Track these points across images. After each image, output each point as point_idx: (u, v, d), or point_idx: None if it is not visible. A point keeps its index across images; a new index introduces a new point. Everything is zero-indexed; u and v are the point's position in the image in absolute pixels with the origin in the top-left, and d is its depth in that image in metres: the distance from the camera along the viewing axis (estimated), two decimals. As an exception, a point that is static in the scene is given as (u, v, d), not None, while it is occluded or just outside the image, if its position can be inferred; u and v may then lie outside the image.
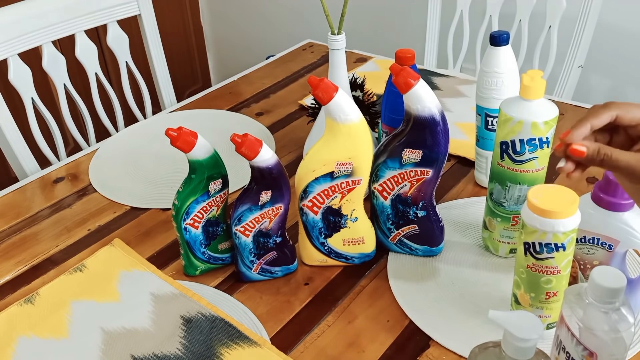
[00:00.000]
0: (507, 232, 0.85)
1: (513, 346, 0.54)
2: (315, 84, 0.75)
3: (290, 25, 2.54)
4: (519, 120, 0.77)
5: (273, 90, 1.41)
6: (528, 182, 0.80)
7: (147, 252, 0.93)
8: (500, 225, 0.85)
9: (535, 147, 0.78)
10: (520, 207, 0.82)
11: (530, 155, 0.78)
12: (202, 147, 0.79)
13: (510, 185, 0.81)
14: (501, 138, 0.79)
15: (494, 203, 0.84)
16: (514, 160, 0.79)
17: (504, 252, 0.87)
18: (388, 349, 0.75)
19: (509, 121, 0.78)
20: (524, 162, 0.79)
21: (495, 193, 0.84)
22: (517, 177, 0.80)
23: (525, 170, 0.79)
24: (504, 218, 0.84)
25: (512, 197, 0.82)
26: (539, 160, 0.79)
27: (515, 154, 0.79)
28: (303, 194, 0.81)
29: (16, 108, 1.33)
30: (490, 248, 0.88)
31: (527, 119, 0.76)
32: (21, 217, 1.03)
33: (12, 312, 0.82)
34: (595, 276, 0.57)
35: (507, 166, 0.80)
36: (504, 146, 0.79)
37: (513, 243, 0.86)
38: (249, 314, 0.81)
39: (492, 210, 0.85)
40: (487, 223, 0.87)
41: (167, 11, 2.51)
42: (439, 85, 1.36)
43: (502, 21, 1.61)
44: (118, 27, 1.41)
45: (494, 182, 0.83)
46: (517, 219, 0.84)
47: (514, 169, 0.80)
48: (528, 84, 0.77)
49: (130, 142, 1.22)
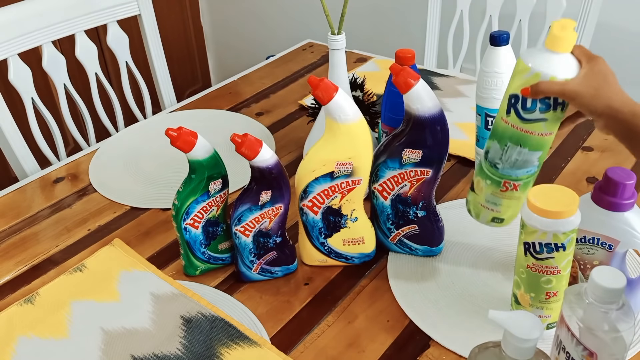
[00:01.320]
0: (494, 198, 0.78)
1: (513, 346, 0.54)
2: (315, 84, 0.75)
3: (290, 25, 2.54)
4: (537, 72, 0.69)
5: (273, 90, 1.41)
6: (530, 147, 0.73)
7: (147, 252, 0.93)
8: (489, 188, 0.78)
9: (548, 107, 0.70)
10: (514, 173, 0.75)
11: (540, 115, 0.71)
12: (202, 147, 0.79)
13: (509, 146, 0.74)
14: (512, 90, 0.72)
15: (488, 163, 0.77)
16: (521, 117, 0.72)
17: (485, 220, 0.81)
18: (388, 349, 0.75)
19: (525, 72, 0.70)
20: (532, 121, 0.71)
21: (492, 152, 0.76)
22: (520, 138, 0.73)
23: (531, 131, 0.72)
24: (494, 181, 0.77)
25: (508, 160, 0.75)
26: (548, 124, 0.72)
27: (524, 110, 0.71)
28: (303, 194, 0.81)
29: (16, 108, 1.33)
30: (472, 212, 0.83)
31: (546, 72, 0.69)
32: (21, 217, 1.03)
33: (12, 312, 0.82)
34: (595, 276, 0.57)
35: (512, 123, 0.73)
36: (512, 100, 0.72)
37: (497, 211, 0.79)
38: (249, 314, 0.81)
39: (484, 170, 0.78)
40: (475, 184, 0.81)
41: (167, 11, 2.51)
42: (439, 85, 1.36)
43: (502, 21, 1.61)
44: (118, 27, 1.41)
45: (493, 140, 0.76)
46: (508, 186, 0.77)
47: (518, 128, 0.72)
48: (558, 33, 0.69)
49: (130, 142, 1.22)
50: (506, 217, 0.79)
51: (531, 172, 0.75)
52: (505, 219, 0.79)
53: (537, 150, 0.73)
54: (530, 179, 0.76)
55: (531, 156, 0.74)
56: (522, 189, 0.77)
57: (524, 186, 0.76)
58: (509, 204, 0.78)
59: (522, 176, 0.75)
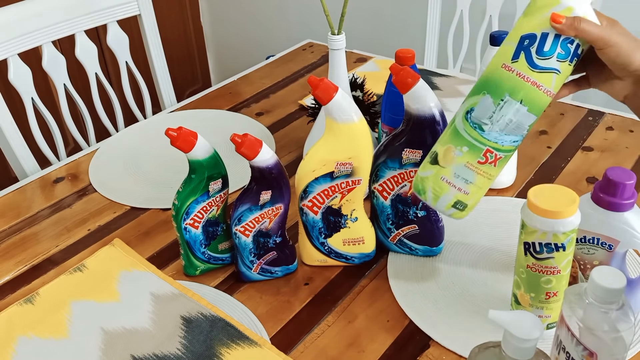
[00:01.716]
0: (467, 173, 0.65)
1: (513, 346, 0.54)
2: (315, 84, 0.75)
3: (290, 25, 2.54)
4: (570, 6, 0.60)
5: (273, 90, 1.41)
6: (531, 105, 0.63)
7: (147, 252, 0.93)
8: (464, 158, 0.65)
9: (568, 54, 0.61)
10: (501, 140, 0.64)
11: (557, 63, 0.61)
12: (202, 147, 0.79)
13: (507, 101, 0.62)
14: (527, 30, 0.62)
15: (470, 124, 0.64)
16: (533, 63, 0.61)
17: (445, 203, 0.66)
18: (388, 349, 0.75)
19: (551, 5, 0.61)
20: (544, 70, 0.61)
21: (480, 109, 0.64)
22: (524, 91, 0.62)
23: (538, 84, 0.62)
24: (474, 149, 0.64)
25: (501, 119, 0.63)
26: (558, 79, 0.62)
27: (540, 54, 0.61)
28: (303, 194, 0.81)
29: (16, 108, 1.33)
30: (426, 193, 0.67)
31: (580, 10, 0.60)
32: (21, 217, 1.03)
33: (12, 312, 0.82)
34: (595, 276, 0.57)
35: (519, 71, 0.62)
36: (526, 41, 0.61)
37: (465, 192, 0.65)
38: (249, 314, 0.81)
39: (460, 134, 0.65)
40: (442, 155, 0.66)
41: (167, 11, 2.51)
42: (439, 85, 1.36)
43: (502, 21, 1.61)
44: (118, 27, 1.41)
45: (484, 94, 0.64)
46: (489, 156, 0.64)
47: (525, 78, 0.62)
48: None
49: (130, 142, 1.22)
50: (470, 204, 0.68)
51: (516, 143, 0.66)
52: (468, 206, 0.67)
53: (535, 114, 0.64)
54: (511, 153, 0.67)
55: (526, 119, 0.64)
56: (500, 166, 0.66)
57: (502, 162, 0.66)
58: (481, 184, 0.67)
59: (507, 146, 0.65)
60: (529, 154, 1.10)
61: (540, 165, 1.08)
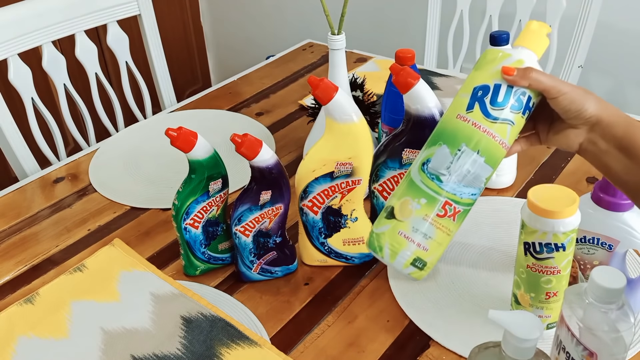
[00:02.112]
0: (426, 226, 0.62)
1: (513, 346, 0.54)
2: (315, 84, 0.75)
3: (290, 25, 2.54)
4: (520, 59, 0.61)
5: (273, 90, 1.41)
6: (487, 156, 0.61)
7: (147, 252, 0.93)
8: (422, 211, 0.62)
9: (521, 105, 0.61)
10: (460, 192, 0.62)
11: (511, 114, 0.61)
12: (202, 147, 0.79)
13: (464, 151, 0.61)
14: (480, 81, 0.61)
15: (427, 175, 0.62)
16: (488, 114, 0.60)
17: (404, 260, 0.63)
18: (388, 349, 0.75)
19: (502, 59, 0.61)
20: (499, 121, 0.61)
21: (437, 159, 0.62)
22: (480, 141, 0.61)
23: (494, 135, 0.61)
24: (432, 200, 0.62)
25: (458, 170, 0.61)
26: (512, 131, 0.61)
27: (494, 105, 0.60)
28: (303, 194, 0.81)
29: (16, 108, 1.33)
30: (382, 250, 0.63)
31: (530, 60, 0.62)
32: (21, 217, 1.03)
33: (12, 312, 0.82)
34: (595, 276, 0.57)
35: (474, 121, 0.60)
36: (479, 92, 0.61)
37: (424, 248, 0.62)
38: (249, 314, 0.81)
39: (417, 186, 0.62)
40: (398, 208, 0.63)
41: (167, 11, 2.51)
42: (439, 85, 1.36)
43: (502, 21, 1.61)
44: (118, 27, 1.41)
45: (440, 144, 0.62)
46: (448, 209, 0.62)
47: (480, 127, 0.60)
48: (536, 28, 0.63)
49: (130, 142, 1.22)
50: (429, 262, 0.64)
51: (474, 197, 0.64)
52: (427, 264, 0.64)
53: (491, 166, 0.63)
54: (469, 208, 0.64)
55: (484, 171, 0.63)
56: (458, 222, 0.64)
57: (460, 217, 0.64)
58: (439, 241, 0.63)
59: (466, 199, 0.63)
60: (529, 154, 1.10)
61: (540, 165, 1.08)
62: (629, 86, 1.83)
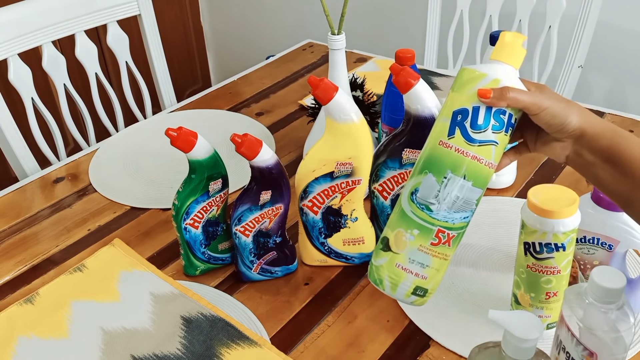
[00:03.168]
0: (422, 256, 0.62)
1: (513, 346, 0.54)
2: (315, 84, 0.75)
3: (290, 25, 2.54)
4: (496, 78, 0.59)
5: (273, 90, 1.41)
6: (475, 180, 0.61)
7: (147, 252, 0.93)
8: (416, 242, 0.62)
9: (502, 125, 0.59)
10: (451, 218, 0.62)
11: (492, 135, 0.59)
12: (202, 147, 0.79)
13: (450, 178, 0.60)
14: (458, 105, 0.60)
15: (417, 206, 0.62)
16: (469, 138, 0.59)
17: (405, 290, 0.63)
18: (388, 349, 0.75)
19: (477, 80, 0.60)
20: (482, 143, 0.59)
21: (424, 189, 0.61)
22: (465, 166, 0.60)
23: (478, 158, 0.60)
24: (425, 230, 0.62)
25: (447, 197, 0.61)
26: (497, 150, 0.60)
27: (475, 128, 0.59)
28: (303, 194, 0.81)
29: (16, 108, 1.33)
30: (382, 283, 0.64)
31: (506, 81, 0.59)
32: (21, 217, 1.03)
33: (12, 312, 0.82)
34: (595, 276, 0.57)
35: (456, 147, 0.60)
36: (458, 117, 0.60)
37: (423, 277, 0.62)
38: (249, 314, 0.81)
39: (409, 217, 0.62)
40: (393, 240, 0.63)
41: (167, 11, 2.50)
42: (439, 85, 1.36)
43: (502, 21, 1.61)
44: (118, 27, 1.41)
45: (425, 173, 0.61)
46: (442, 236, 0.61)
47: (464, 153, 0.59)
48: (510, 41, 0.61)
49: (130, 142, 1.22)
50: (430, 288, 0.64)
51: (467, 220, 0.63)
52: (429, 290, 0.64)
53: (480, 187, 0.62)
54: (463, 230, 0.64)
55: (473, 194, 0.62)
56: (454, 245, 0.64)
57: (456, 241, 0.63)
58: (438, 266, 0.64)
59: (458, 223, 0.62)
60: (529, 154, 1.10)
61: (540, 165, 1.08)
62: (629, 86, 1.83)
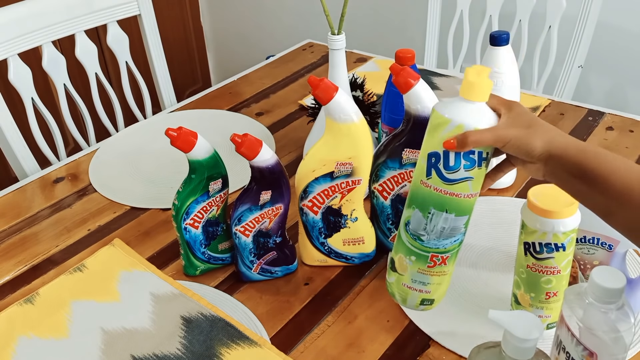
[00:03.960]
0: (421, 277, 0.69)
1: (513, 346, 0.54)
2: (315, 84, 0.75)
3: (290, 25, 2.54)
4: (460, 124, 0.62)
5: (273, 90, 1.41)
6: (457, 211, 0.65)
7: (147, 252, 0.93)
8: (414, 266, 0.69)
9: (473, 163, 0.63)
10: (442, 244, 0.67)
11: (466, 173, 0.63)
12: (202, 147, 0.79)
13: (434, 213, 0.65)
14: (431, 148, 0.64)
15: (410, 236, 0.68)
16: (445, 178, 0.64)
17: (414, 303, 0.71)
18: (388, 349, 0.75)
19: (444, 125, 0.63)
20: (457, 182, 0.64)
21: (414, 222, 0.67)
22: (445, 203, 0.64)
23: (456, 194, 0.64)
24: (420, 257, 0.68)
25: (434, 229, 0.66)
26: (474, 183, 0.64)
27: (448, 169, 0.63)
28: (303, 194, 0.81)
29: (16, 108, 1.33)
30: (396, 296, 0.72)
31: (470, 123, 0.62)
32: (21, 217, 1.03)
33: (12, 312, 0.82)
34: (595, 276, 0.57)
35: (434, 186, 0.64)
36: (432, 159, 0.64)
37: (426, 292, 0.70)
38: (249, 314, 0.81)
39: (406, 245, 0.68)
40: (397, 263, 0.70)
41: (167, 11, 2.50)
42: (439, 85, 1.36)
43: (502, 21, 1.61)
44: (118, 27, 1.41)
45: (413, 208, 0.67)
46: (436, 260, 0.67)
47: (442, 191, 0.64)
48: (473, 79, 0.62)
49: (130, 142, 1.22)
50: (436, 297, 0.72)
51: (458, 241, 0.68)
52: (435, 299, 0.72)
53: (464, 215, 0.66)
54: (457, 248, 0.69)
55: (458, 222, 0.66)
56: (451, 262, 0.69)
57: (452, 258, 0.69)
58: (439, 281, 0.70)
59: (450, 247, 0.68)
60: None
61: (540, 165, 1.08)
62: (629, 86, 1.83)
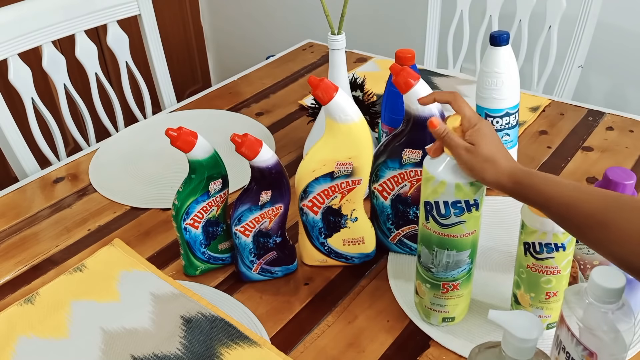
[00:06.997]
0: (438, 300, 0.75)
1: (513, 346, 0.54)
2: (315, 84, 0.75)
3: (290, 25, 2.54)
4: (441, 180, 0.68)
5: (273, 90, 1.41)
6: (457, 248, 0.71)
7: (147, 252, 0.93)
8: (430, 292, 0.75)
9: (462, 210, 0.68)
10: (450, 275, 0.73)
11: (457, 219, 0.69)
12: (202, 147, 0.79)
13: (437, 251, 0.72)
14: (425, 198, 0.70)
15: (422, 268, 0.75)
16: (440, 223, 0.70)
17: (436, 321, 0.77)
18: (388, 349, 0.75)
19: (430, 180, 0.69)
20: (451, 226, 0.69)
21: (423, 257, 0.74)
22: (445, 242, 0.71)
23: (453, 235, 0.70)
24: (433, 285, 0.75)
25: (440, 263, 0.73)
26: (468, 225, 0.69)
27: (441, 216, 0.69)
28: (303, 194, 0.81)
29: (16, 108, 1.33)
30: (421, 314, 0.79)
31: (451, 180, 0.67)
32: (21, 217, 1.03)
33: (12, 312, 0.82)
34: (595, 276, 0.57)
35: (433, 229, 0.71)
36: (428, 207, 0.70)
37: (445, 312, 0.76)
38: (249, 314, 0.81)
39: (421, 274, 0.76)
40: (417, 288, 0.78)
41: (167, 11, 2.50)
42: (439, 85, 1.36)
43: (502, 21, 1.61)
44: (118, 27, 1.41)
45: (422, 245, 0.74)
46: (448, 287, 0.74)
47: (440, 233, 0.70)
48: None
49: (130, 142, 1.22)
50: (457, 314, 0.77)
51: (466, 269, 0.73)
52: (456, 316, 0.77)
53: (466, 250, 0.72)
54: (468, 274, 0.74)
55: (461, 256, 0.72)
56: (464, 286, 0.75)
57: (465, 283, 0.75)
58: (455, 303, 0.76)
59: (458, 276, 0.73)
60: (529, 154, 1.10)
61: (540, 165, 1.08)
62: (629, 86, 1.83)
